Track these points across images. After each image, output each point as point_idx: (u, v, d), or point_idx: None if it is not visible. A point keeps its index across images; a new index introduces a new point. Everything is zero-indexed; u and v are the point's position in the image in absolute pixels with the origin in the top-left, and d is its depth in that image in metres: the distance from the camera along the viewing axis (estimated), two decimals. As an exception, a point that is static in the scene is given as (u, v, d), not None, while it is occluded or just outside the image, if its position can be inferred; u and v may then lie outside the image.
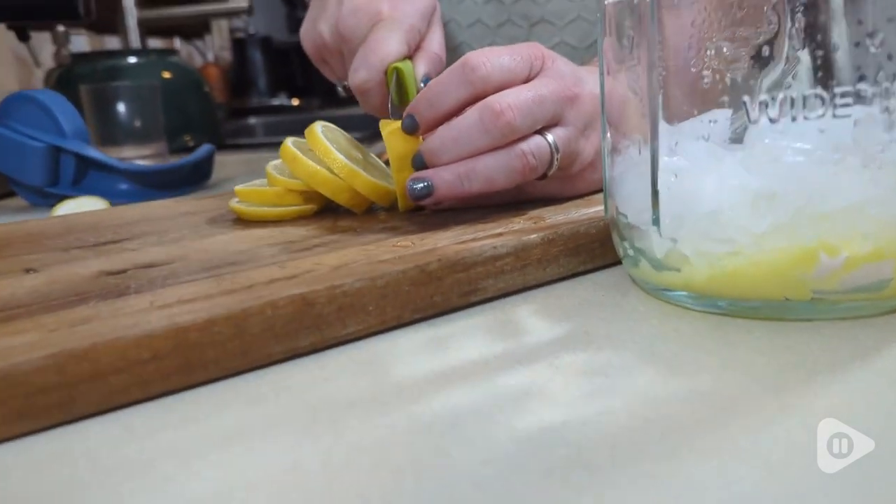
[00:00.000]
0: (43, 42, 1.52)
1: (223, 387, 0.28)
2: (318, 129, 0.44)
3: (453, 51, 0.75)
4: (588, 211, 0.41)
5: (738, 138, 0.32)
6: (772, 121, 0.28)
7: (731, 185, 0.29)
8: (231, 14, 1.85)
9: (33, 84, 1.48)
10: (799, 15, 0.27)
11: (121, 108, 0.96)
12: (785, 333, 0.29)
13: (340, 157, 0.42)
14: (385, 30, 0.49)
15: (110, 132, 0.95)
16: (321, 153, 0.43)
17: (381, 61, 0.47)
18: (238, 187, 0.47)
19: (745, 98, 0.29)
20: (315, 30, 0.57)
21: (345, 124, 1.54)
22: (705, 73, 0.29)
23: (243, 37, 2.14)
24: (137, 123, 0.96)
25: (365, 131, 1.11)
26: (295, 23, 2.42)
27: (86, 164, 0.72)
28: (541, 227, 0.38)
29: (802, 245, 0.28)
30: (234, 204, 0.46)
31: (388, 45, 0.48)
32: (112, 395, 0.26)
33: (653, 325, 0.31)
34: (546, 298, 0.35)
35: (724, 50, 0.29)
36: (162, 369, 0.26)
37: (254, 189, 0.46)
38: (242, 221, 0.45)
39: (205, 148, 0.79)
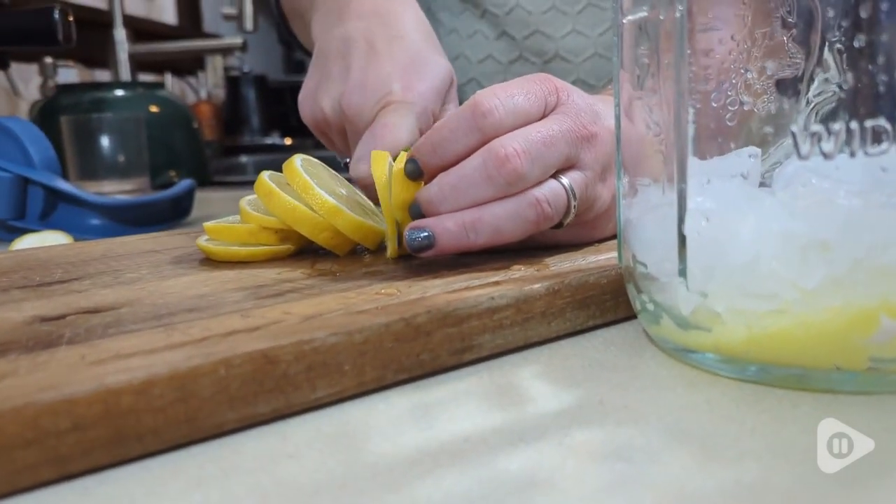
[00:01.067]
0: (31, 74, 1.49)
1: (160, 464, 0.23)
2: (298, 162, 0.40)
3: (462, 87, 0.71)
4: (598, 258, 0.36)
5: (765, 181, 0.28)
6: (826, 156, 0.24)
7: (773, 231, 0.25)
8: (225, 51, 1.82)
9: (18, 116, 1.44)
10: (860, 34, 0.23)
11: (102, 140, 0.92)
12: (837, 408, 0.24)
13: (321, 192, 0.38)
14: (395, 115, 0.45)
15: (90, 166, 0.91)
16: (300, 188, 0.38)
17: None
18: (207, 224, 0.42)
19: (794, 129, 0.24)
20: (315, 101, 0.52)
21: (336, 165, 1.49)
22: (745, 98, 0.25)
23: (237, 74, 2.11)
24: (119, 157, 0.92)
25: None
26: (291, 63, 2.40)
27: (55, 197, 0.67)
28: (545, 276, 0.33)
29: (860, 304, 0.24)
30: (202, 242, 0.41)
31: (397, 134, 0.43)
32: (17, 474, 0.21)
33: (678, 395, 0.26)
34: (551, 358, 0.30)
35: (767, 71, 0.24)
36: (84, 442, 0.22)
37: (224, 225, 0.41)
38: (211, 262, 0.40)
39: (184, 183, 0.74)
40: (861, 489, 0.19)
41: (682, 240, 0.27)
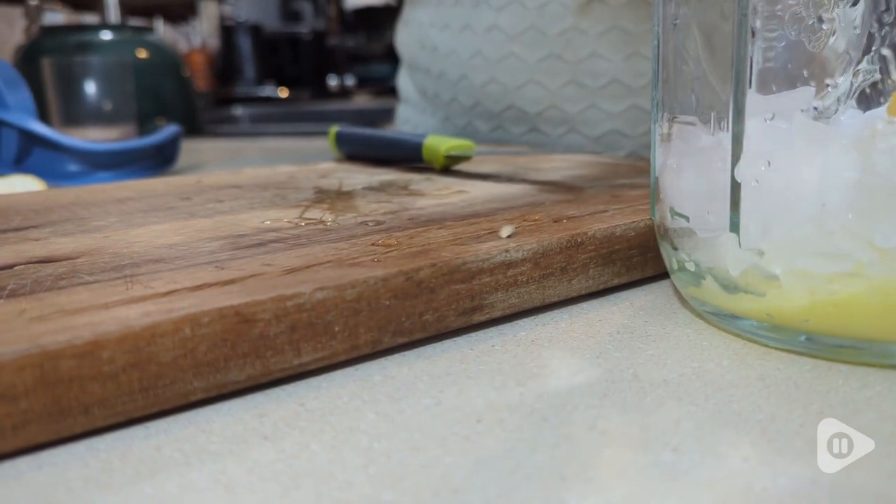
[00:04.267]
0: (15, 17, 1.42)
1: (109, 443, 0.19)
2: None
3: (485, 86, 0.66)
4: (624, 208, 0.32)
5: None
6: (922, 86, 0.20)
7: (846, 179, 0.21)
8: (219, -3, 1.76)
9: (1, 60, 1.38)
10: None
11: (86, 85, 0.86)
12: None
13: None
14: None
15: (74, 111, 0.86)
16: None
17: None
18: None
19: (886, 52, 0.20)
20: None
21: (336, 118, 1.45)
22: (825, 16, 0.21)
23: (232, 24, 2.04)
24: (105, 103, 0.87)
25: (357, 125, 1.02)
26: (287, 12, 2.33)
27: (30, 141, 0.63)
28: (566, 227, 0.29)
29: (953, 266, 0.20)
30: None
31: None
32: (-74, 455, 0.17)
33: (726, 369, 0.22)
34: (572, 323, 0.27)
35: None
36: (14, 415, 0.18)
37: None
38: (189, 209, 0.36)
39: (169, 128, 0.70)
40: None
41: (735, 187, 0.22)
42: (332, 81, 2.30)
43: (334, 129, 0.55)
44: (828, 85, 0.21)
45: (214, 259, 0.26)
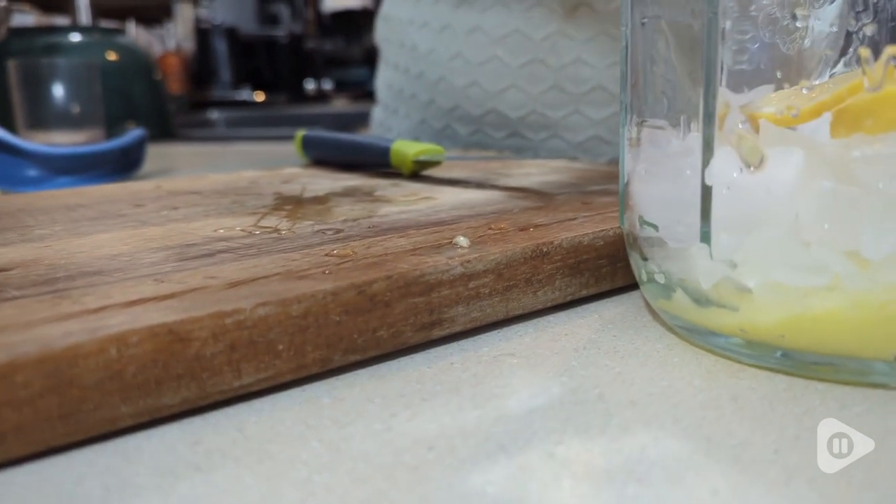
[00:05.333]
0: (-16, 18, 1.39)
1: (25, 475, 0.17)
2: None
3: (466, 89, 0.64)
4: (593, 216, 0.31)
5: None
6: (903, 88, 0.19)
7: (822, 188, 0.20)
8: (194, -1, 1.74)
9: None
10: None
11: (53, 87, 0.84)
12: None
13: None
14: None
15: (40, 114, 0.84)
16: None
17: None
18: None
19: (865, 52, 0.19)
20: None
21: (313, 122, 1.43)
22: (800, 15, 0.20)
23: (207, 26, 2.02)
24: (72, 106, 0.85)
25: (334, 129, 1.01)
26: (264, 15, 2.31)
27: (-14, 145, 0.60)
28: (531, 236, 0.28)
29: (936, 280, 0.19)
30: None
31: None
32: None
33: (697, 389, 0.21)
34: (537, 338, 0.25)
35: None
36: (-89, 448, 0.16)
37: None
38: (141, 217, 0.34)
39: (135, 132, 0.68)
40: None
41: (706, 195, 0.21)
42: (310, 85, 2.28)
43: (300, 133, 0.54)
44: (804, 87, 0.20)
45: (156, 271, 0.24)
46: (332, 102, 2.23)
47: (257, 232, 0.30)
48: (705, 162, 0.21)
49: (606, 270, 0.29)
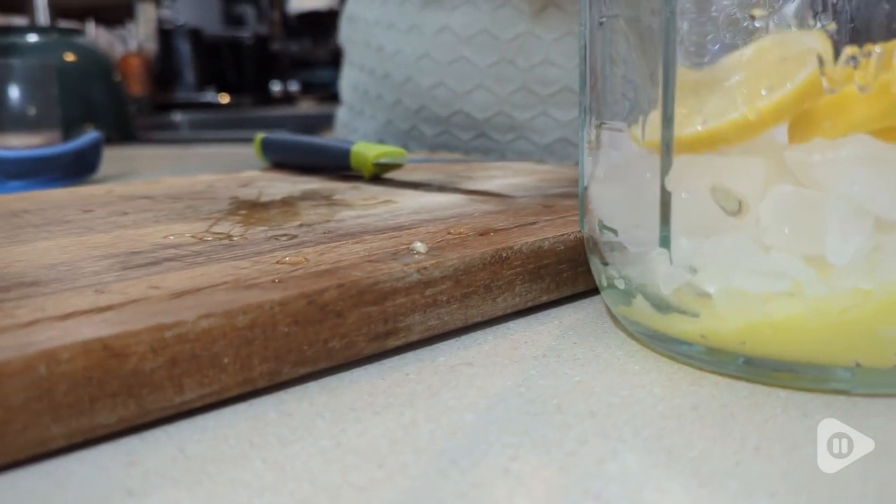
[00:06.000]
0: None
1: (-58, 503, 0.16)
2: None
3: (432, 90, 0.64)
4: (555, 220, 0.31)
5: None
6: (862, 89, 0.18)
7: (782, 192, 0.19)
8: (156, -1, 1.71)
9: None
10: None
11: (7, 89, 0.82)
12: (857, 416, 0.19)
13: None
14: None
15: (-7, 117, 0.82)
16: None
17: None
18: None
19: (821, 53, 0.18)
20: None
21: (279, 124, 1.42)
22: (758, 15, 0.19)
23: (170, 27, 1.99)
24: (26, 108, 0.83)
25: (300, 131, 0.99)
26: (229, 16, 2.28)
27: (-67, 148, 0.58)
28: (491, 241, 0.27)
29: (894, 287, 0.18)
30: None
31: None
32: None
33: (657, 398, 0.20)
34: (496, 346, 0.25)
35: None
36: None
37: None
38: (87, 223, 0.33)
39: (89, 135, 0.66)
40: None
41: (665, 199, 0.21)
42: (276, 87, 2.25)
43: (260, 136, 0.53)
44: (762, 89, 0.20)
45: (97, 281, 0.23)
46: (299, 104, 2.21)
47: (209, 238, 0.29)
48: (665, 166, 0.20)
49: (567, 275, 0.29)
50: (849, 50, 0.18)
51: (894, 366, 0.20)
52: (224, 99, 1.97)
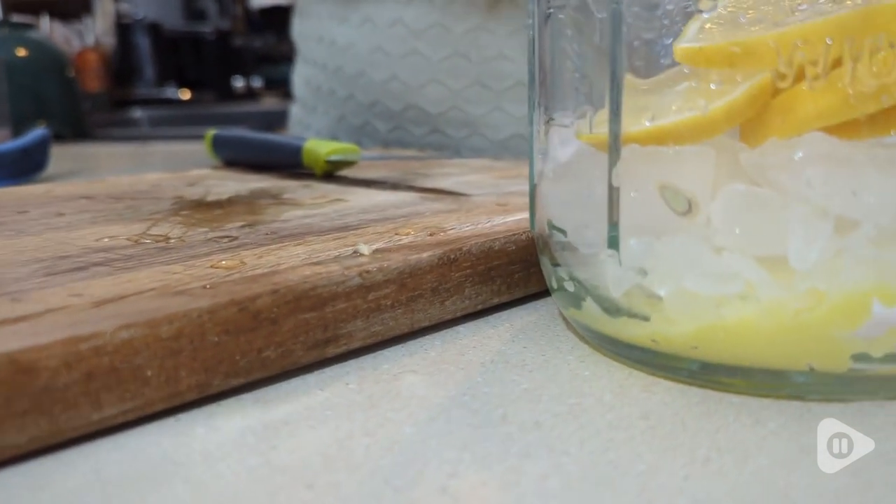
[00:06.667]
0: None
1: None
2: None
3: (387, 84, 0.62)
4: (507, 220, 0.30)
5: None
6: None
7: (733, 190, 0.19)
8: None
9: None
10: None
11: (-47, 84, 0.80)
12: (812, 424, 0.18)
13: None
14: None
15: (-62, 113, 0.79)
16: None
17: None
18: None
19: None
20: None
21: (242, 120, 1.39)
22: (704, 5, 0.18)
23: (129, 21, 1.95)
24: (-27, 104, 0.80)
25: (263, 127, 0.97)
26: (190, 11, 2.24)
27: None
28: (439, 242, 0.26)
29: (850, 288, 0.18)
30: None
31: None
32: None
33: (606, 406, 0.19)
34: (443, 352, 0.24)
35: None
36: None
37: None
38: (19, 225, 0.32)
39: (36, 133, 0.64)
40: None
41: (613, 198, 0.20)
42: (238, 83, 2.22)
43: (210, 133, 0.51)
44: (712, 84, 0.19)
45: (16, 289, 0.22)
46: (262, 100, 2.17)
47: (147, 241, 0.28)
48: (612, 163, 0.20)
49: (519, 276, 0.28)
50: (799, 44, 0.18)
51: (848, 370, 0.19)
52: (185, 95, 1.93)
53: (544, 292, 0.28)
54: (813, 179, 0.18)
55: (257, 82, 2.31)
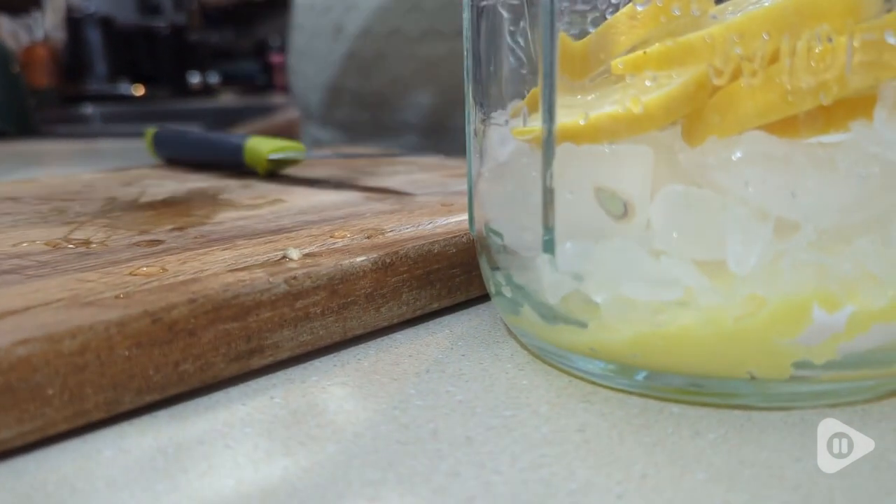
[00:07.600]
0: None
1: None
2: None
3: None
4: (447, 221, 0.29)
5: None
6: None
7: (672, 192, 0.18)
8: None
9: None
10: None
11: None
12: (754, 435, 0.17)
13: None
14: None
15: None
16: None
17: None
18: None
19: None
20: None
21: (198, 117, 1.36)
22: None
23: (80, 16, 1.90)
24: None
25: (220, 124, 0.95)
26: (144, 5, 2.19)
27: None
28: (375, 245, 0.25)
29: (790, 294, 0.17)
30: None
31: None
32: None
33: (542, 419, 0.19)
34: (377, 360, 0.22)
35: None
36: None
37: None
38: (-65, 228, 0.30)
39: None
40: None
41: (548, 198, 0.19)
42: (195, 79, 2.18)
43: (151, 130, 0.49)
44: (647, 81, 0.18)
45: (-88, 300, 0.20)
46: (219, 97, 2.14)
47: (69, 245, 0.26)
48: (546, 162, 0.19)
49: (460, 280, 0.27)
50: (735, 38, 0.17)
51: (790, 377, 0.18)
52: (138, 91, 1.89)
53: (486, 296, 0.28)
54: (752, 180, 0.17)
55: (214, 78, 2.27)
